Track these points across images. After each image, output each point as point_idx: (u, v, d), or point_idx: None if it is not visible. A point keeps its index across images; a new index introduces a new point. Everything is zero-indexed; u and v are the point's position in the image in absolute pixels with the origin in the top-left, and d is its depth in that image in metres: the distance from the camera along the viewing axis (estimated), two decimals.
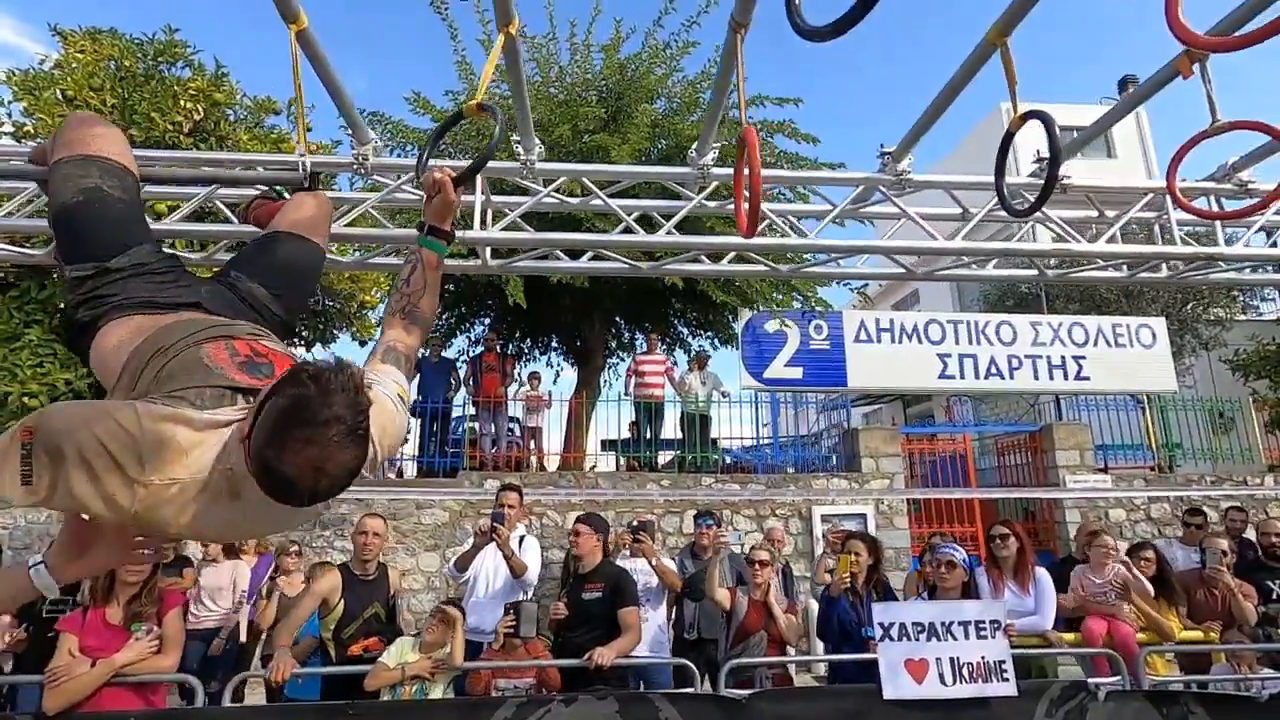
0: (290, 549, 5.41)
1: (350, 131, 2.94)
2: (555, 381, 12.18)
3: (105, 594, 3.48)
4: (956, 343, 10.41)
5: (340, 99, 2.60)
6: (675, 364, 11.02)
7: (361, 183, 4.06)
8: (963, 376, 10.32)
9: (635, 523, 5.01)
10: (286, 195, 2.88)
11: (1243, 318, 15.29)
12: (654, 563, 4.66)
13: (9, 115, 5.58)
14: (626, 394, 10.34)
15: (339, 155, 3.18)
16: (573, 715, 3.27)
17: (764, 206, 3.15)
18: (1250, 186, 3.17)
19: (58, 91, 5.43)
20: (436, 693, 3.66)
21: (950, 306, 19.16)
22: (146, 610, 3.41)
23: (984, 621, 3.53)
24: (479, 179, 3.06)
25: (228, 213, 3.30)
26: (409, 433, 1.53)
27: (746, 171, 2.02)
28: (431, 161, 2.10)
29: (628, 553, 4.97)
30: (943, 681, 3.38)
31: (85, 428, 1.05)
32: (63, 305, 1.50)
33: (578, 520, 4.32)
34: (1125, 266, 3.52)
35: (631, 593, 4.12)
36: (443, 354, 10.33)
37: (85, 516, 1.19)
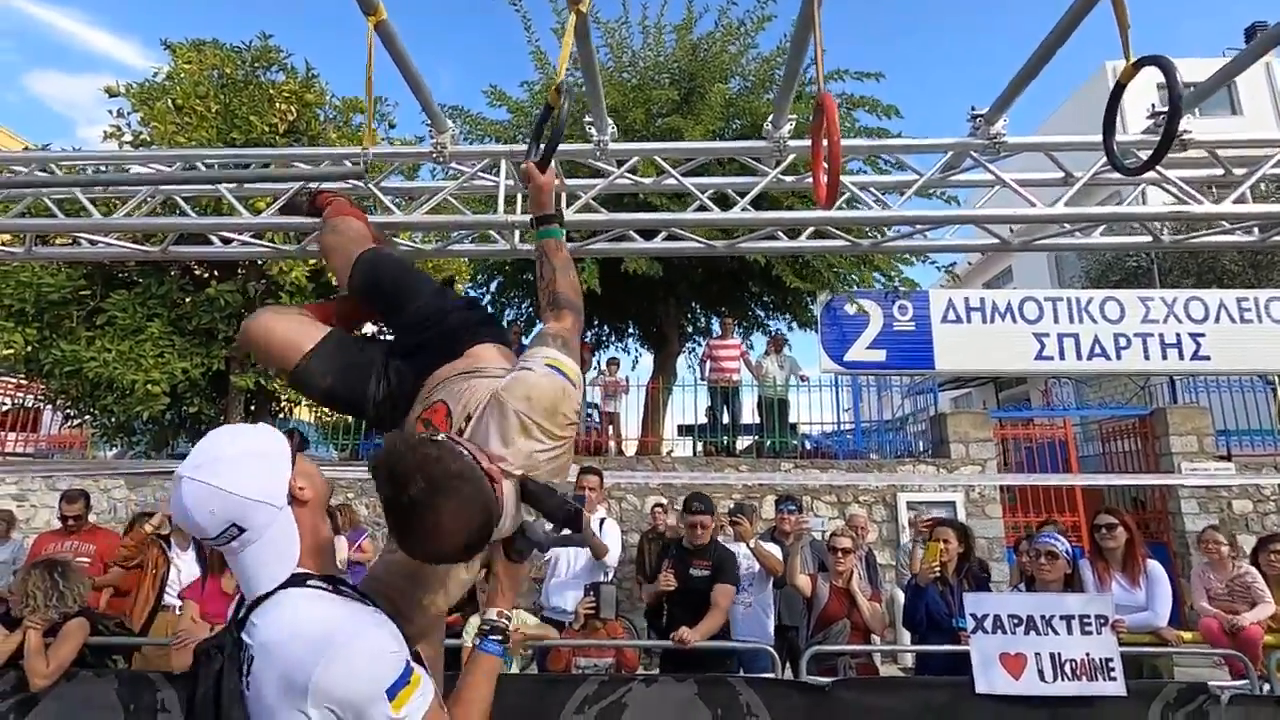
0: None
1: (430, 122, 3.02)
2: (634, 367, 12.21)
3: (220, 564, 3.77)
4: (1055, 321, 9.76)
5: (419, 90, 2.67)
6: (751, 347, 10.86)
7: (442, 172, 4.17)
8: (1063, 357, 9.67)
9: (734, 505, 4.92)
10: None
11: None
12: (753, 545, 4.58)
13: (129, 126, 6.09)
14: (702, 379, 10.27)
15: (421, 146, 3.27)
16: (653, 695, 3.29)
17: (845, 179, 3.02)
18: None
19: (169, 101, 5.88)
20: (515, 665, 3.77)
21: (1048, 283, 17.96)
22: None
23: (1089, 616, 3.30)
24: (552, 163, 3.07)
25: None
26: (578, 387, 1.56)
27: (825, 142, 1.94)
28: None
29: (729, 535, 4.88)
30: (1042, 678, 3.19)
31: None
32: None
33: (696, 510, 4.22)
34: (1256, 230, 3.17)
35: (733, 573, 4.19)
36: (523, 341, 10.58)
37: None
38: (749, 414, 10.32)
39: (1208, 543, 4.44)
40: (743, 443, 10.27)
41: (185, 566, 4.76)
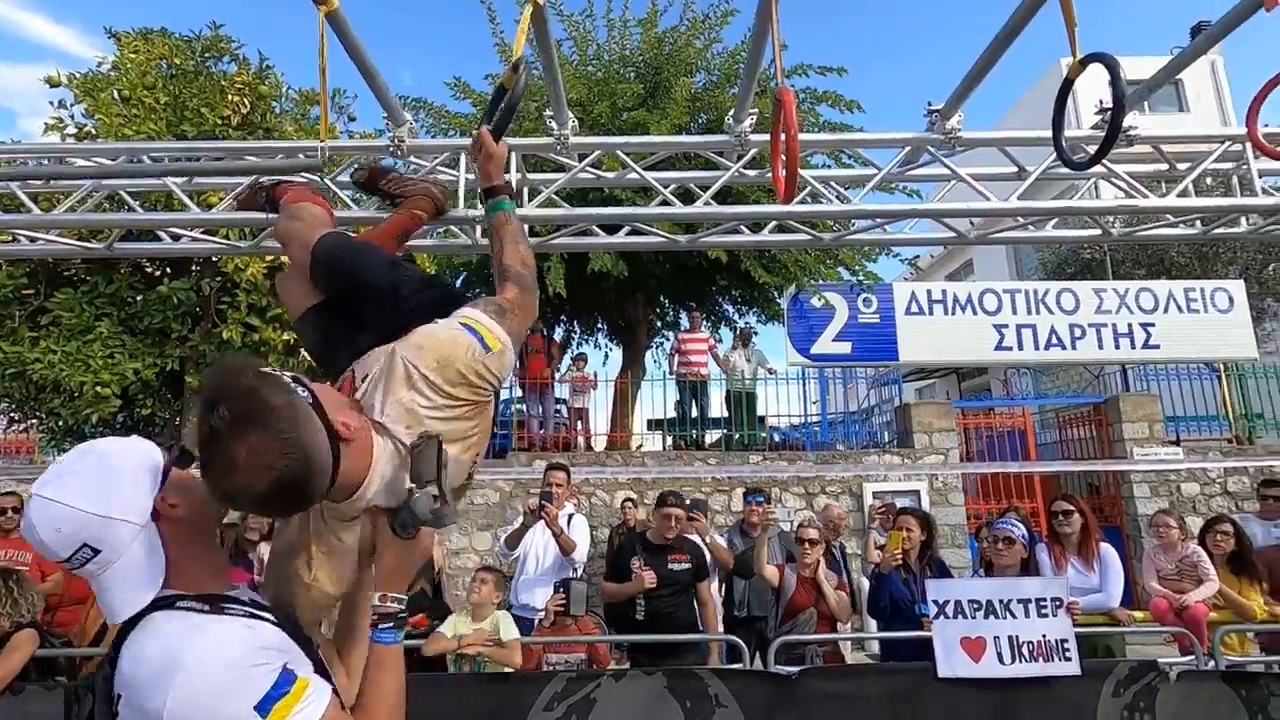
0: None
1: (386, 115, 2.95)
2: (605, 363, 12.18)
3: None
4: (1014, 313, 10.03)
5: (373, 81, 2.61)
6: (720, 340, 10.92)
7: (402, 166, 4.09)
8: (1021, 348, 9.95)
9: (689, 501, 5.06)
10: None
11: None
12: (708, 540, 4.73)
13: (72, 118, 5.86)
14: (671, 373, 10.30)
15: (379, 140, 3.20)
16: (622, 689, 3.29)
17: (806, 173, 3.04)
18: None
19: (114, 92, 5.66)
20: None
21: (1007, 276, 18.42)
22: None
23: (1045, 599, 3.39)
24: (513, 157, 3.04)
25: None
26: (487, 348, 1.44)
27: (784, 136, 1.95)
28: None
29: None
30: (1001, 660, 3.27)
31: None
32: None
33: (670, 501, 4.39)
34: (1199, 222, 3.28)
35: (708, 566, 4.52)
36: None
37: None
38: (717, 408, 10.39)
39: (1158, 525, 4.59)
40: (711, 436, 10.34)
41: None
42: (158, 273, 6.50)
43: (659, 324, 11.77)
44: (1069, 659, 3.27)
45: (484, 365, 1.32)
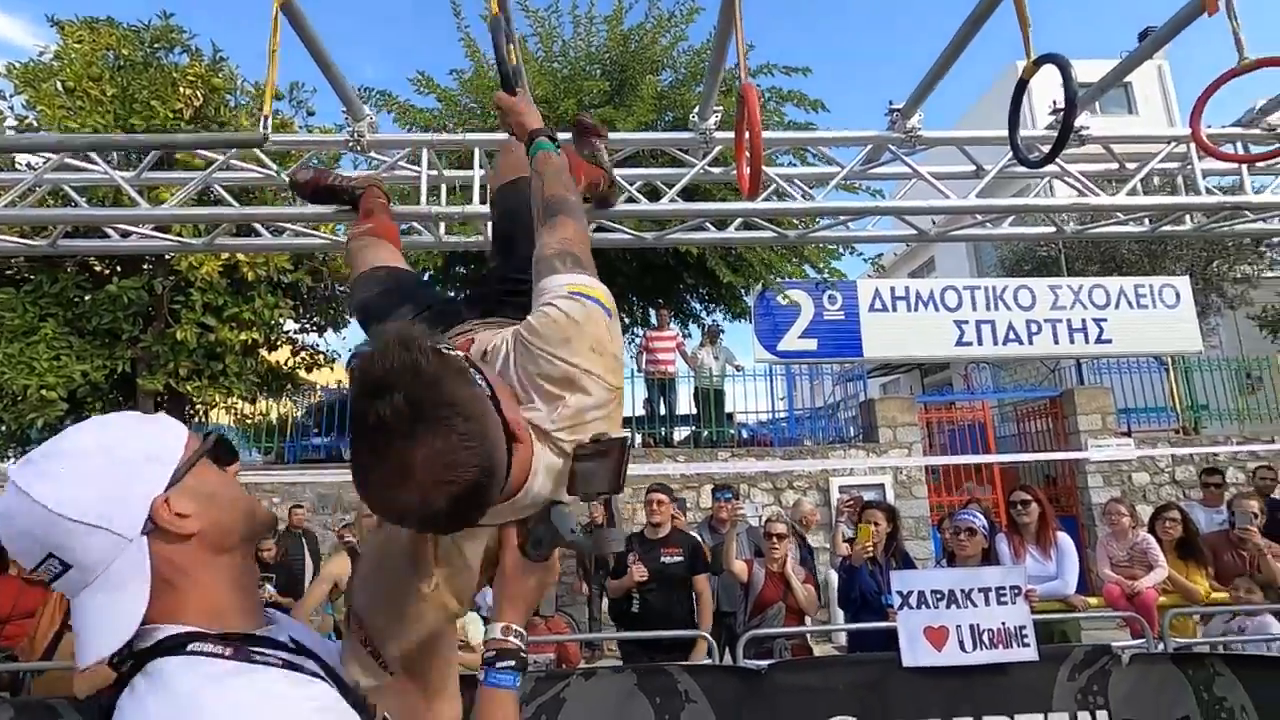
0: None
1: (345, 109, 2.89)
2: None
3: None
4: (974, 309, 10.27)
5: (330, 73, 2.55)
6: (689, 336, 10.96)
7: (363, 162, 4.01)
8: (980, 343, 10.19)
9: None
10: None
11: (1271, 274, 14.86)
12: None
13: (11, 109, 5.61)
14: (639, 371, 10.31)
15: (338, 135, 3.13)
16: (592, 688, 3.27)
17: (770, 170, 3.06)
18: None
19: (57, 83, 5.43)
20: None
21: (968, 273, 18.85)
22: None
23: (1004, 587, 3.47)
24: (476, 153, 3.01)
25: (228, 196, 3.28)
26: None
27: (747, 133, 1.95)
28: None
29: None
30: (962, 648, 3.34)
31: None
32: None
33: (655, 489, 4.53)
34: (1147, 220, 3.40)
35: (705, 560, 4.50)
36: None
37: None
38: (686, 405, 10.43)
39: (1111, 514, 4.75)
40: (680, 433, 10.37)
41: None
42: (107, 271, 6.27)
43: (626, 321, 11.76)
44: (1027, 645, 3.35)
45: (619, 335, 1.13)
